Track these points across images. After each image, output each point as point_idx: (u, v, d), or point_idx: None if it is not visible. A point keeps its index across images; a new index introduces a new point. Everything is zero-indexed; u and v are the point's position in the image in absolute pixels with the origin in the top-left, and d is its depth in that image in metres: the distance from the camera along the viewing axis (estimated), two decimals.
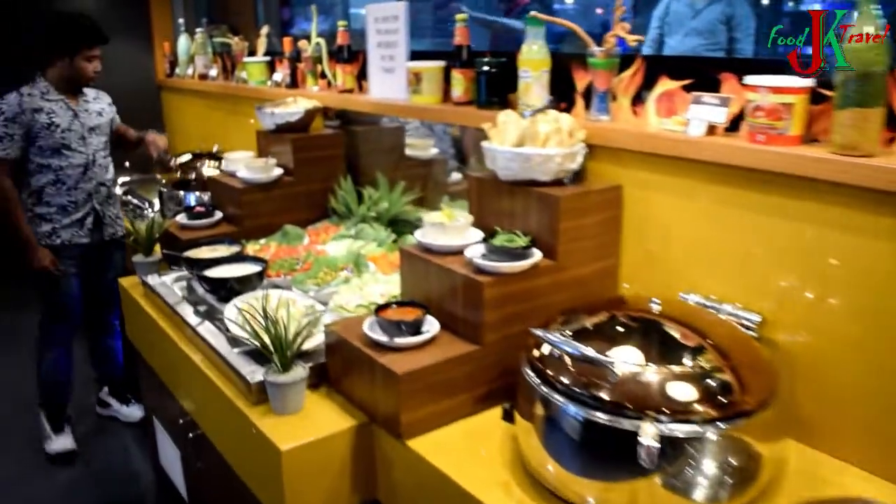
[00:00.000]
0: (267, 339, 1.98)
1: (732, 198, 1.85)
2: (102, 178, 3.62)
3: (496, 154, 2.13)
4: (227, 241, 2.96)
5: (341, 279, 2.59)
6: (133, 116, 4.08)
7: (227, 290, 2.54)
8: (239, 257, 2.75)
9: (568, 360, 1.54)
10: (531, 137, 2.10)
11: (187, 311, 2.58)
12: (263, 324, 2.02)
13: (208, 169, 3.75)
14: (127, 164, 4.88)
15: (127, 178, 4.74)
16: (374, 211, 3.26)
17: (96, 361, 4.02)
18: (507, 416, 1.69)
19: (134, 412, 3.97)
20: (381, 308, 2.05)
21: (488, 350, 1.98)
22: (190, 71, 5.10)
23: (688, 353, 1.54)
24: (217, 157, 3.88)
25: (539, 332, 1.62)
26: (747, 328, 1.78)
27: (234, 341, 2.25)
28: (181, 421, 2.62)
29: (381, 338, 1.94)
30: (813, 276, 1.71)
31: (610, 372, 1.46)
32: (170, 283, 2.88)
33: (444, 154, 3.78)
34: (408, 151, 3.64)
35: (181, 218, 3.21)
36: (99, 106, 3.68)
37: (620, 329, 1.67)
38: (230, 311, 2.39)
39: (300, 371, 1.98)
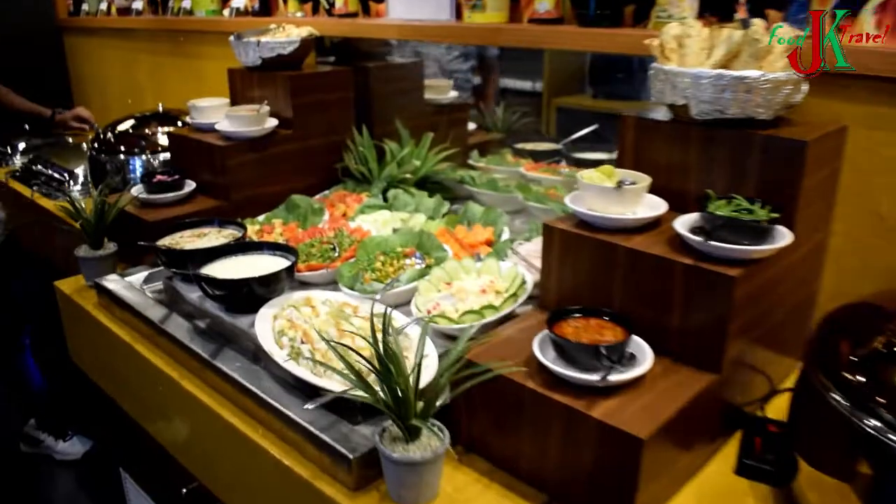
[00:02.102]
0: (381, 390, 1.18)
1: None
2: None
3: (693, 80, 1.39)
4: (215, 221, 2.08)
5: (413, 271, 1.79)
6: (24, 72, 3.01)
7: (244, 296, 1.69)
8: (249, 246, 1.89)
9: None
10: (750, 58, 1.38)
11: (181, 332, 1.71)
12: (362, 360, 1.21)
13: (163, 137, 2.78)
14: (27, 126, 3.78)
15: (26, 144, 3.65)
16: (405, 171, 2.45)
17: (7, 389, 3.04)
18: (749, 470, 1.08)
19: (74, 448, 3.02)
20: (553, 321, 1.29)
21: (728, 378, 1.27)
22: (104, 6, 3.99)
23: None
24: (170, 118, 2.90)
25: None
26: None
27: (306, 388, 1.43)
28: (171, 476, 1.77)
29: (577, 374, 1.19)
30: None
31: None
32: (138, 286, 1.98)
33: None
34: (426, 95, 2.84)
35: (137, 191, 2.28)
36: None
37: None
38: (264, 331, 1.56)
39: (436, 442, 1.20)
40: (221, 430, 1.49)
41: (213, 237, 2.02)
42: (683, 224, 1.35)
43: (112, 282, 1.97)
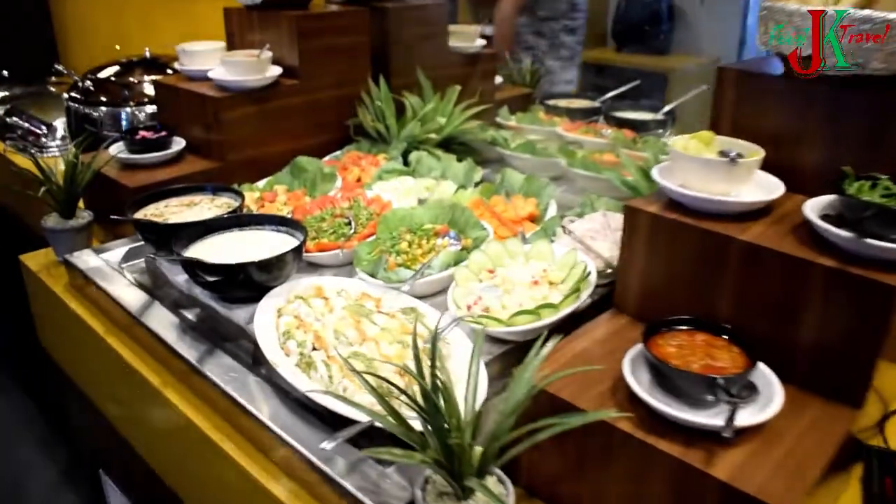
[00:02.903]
0: (426, 432, 0.88)
1: None
2: None
3: (827, 22, 1.05)
4: (208, 188, 1.76)
5: (448, 254, 1.47)
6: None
7: (240, 283, 1.38)
8: (247, 219, 1.57)
9: None
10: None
11: (165, 325, 1.41)
12: (392, 386, 0.90)
13: (149, 86, 2.42)
14: (5, 72, 3.42)
15: (6, 93, 3.29)
16: (428, 130, 2.12)
17: None
18: None
19: None
20: (649, 336, 0.98)
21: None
22: None
23: None
24: (158, 65, 2.54)
25: None
26: None
27: (321, 409, 1.13)
28: (154, 481, 1.49)
29: (692, 416, 0.88)
30: None
31: None
32: (116, 264, 1.67)
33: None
34: (450, 42, 2.48)
35: (117, 150, 1.94)
36: None
37: None
38: (266, 332, 1.25)
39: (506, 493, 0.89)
40: (212, 455, 1.19)
41: (204, 207, 1.70)
42: (815, 211, 1.03)
43: (85, 258, 1.66)
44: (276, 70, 1.99)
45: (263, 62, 1.96)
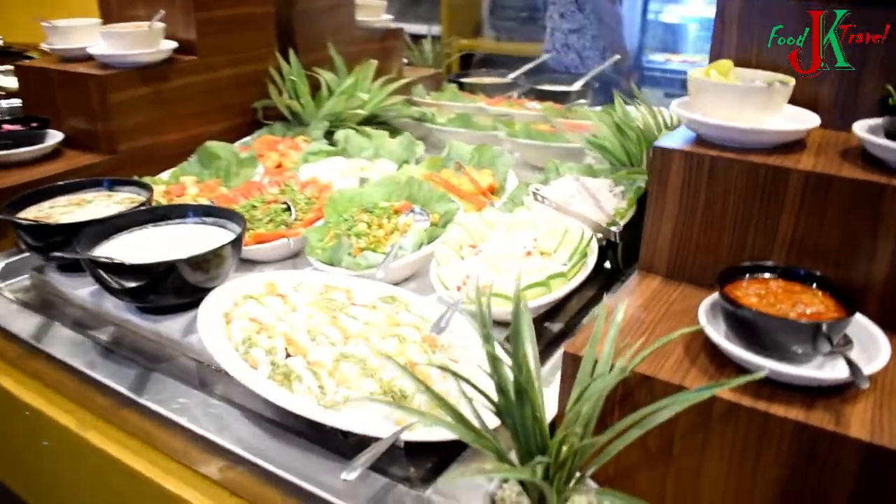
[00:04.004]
0: (524, 444, 0.66)
1: None
2: None
3: None
4: (104, 182, 1.44)
5: (418, 233, 1.26)
6: None
7: (169, 287, 1.10)
8: (162, 212, 1.28)
9: None
10: None
11: (71, 352, 1.10)
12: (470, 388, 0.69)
13: (8, 79, 2.00)
14: None
15: None
16: (352, 107, 1.89)
17: None
18: None
19: None
20: (723, 284, 0.82)
21: None
22: None
23: None
24: (10, 54, 2.12)
25: None
26: None
27: (303, 425, 0.88)
28: None
29: (811, 372, 0.73)
30: None
31: None
32: (3, 288, 1.32)
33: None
34: (357, 16, 2.26)
35: None
36: None
37: None
38: (216, 341, 0.99)
39: None
40: None
41: (101, 205, 1.38)
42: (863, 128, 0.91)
43: None
44: (171, 44, 1.69)
45: (155, 33, 1.65)
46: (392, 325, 1.03)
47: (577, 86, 2.52)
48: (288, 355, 0.97)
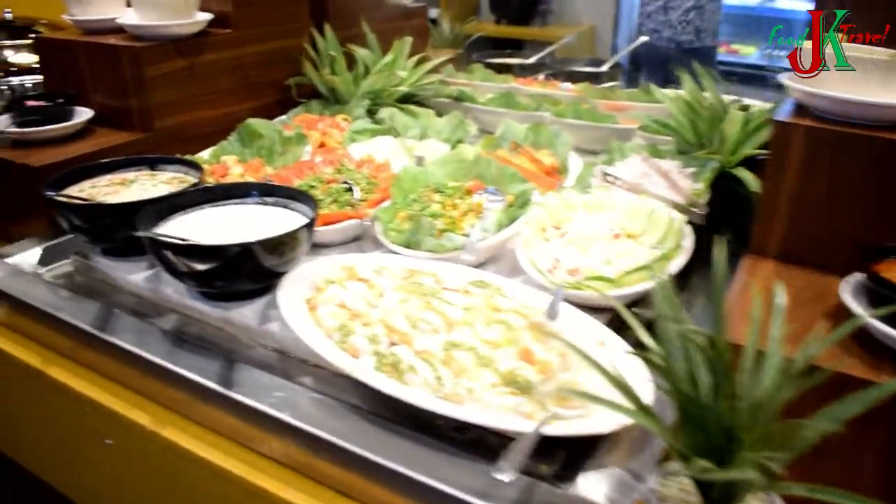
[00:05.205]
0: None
1: None
2: None
3: None
4: (146, 160, 1.34)
5: (497, 213, 1.18)
6: None
7: (244, 271, 1.01)
8: (223, 191, 1.19)
9: None
10: None
11: (147, 347, 1.01)
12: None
13: (20, 56, 1.86)
14: None
15: None
16: (392, 85, 1.80)
17: None
18: None
19: None
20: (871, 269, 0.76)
21: None
22: None
23: None
24: (18, 28, 1.99)
25: None
26: None
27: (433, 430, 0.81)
28: None
29: None
30: None
31: None
32: (32, 270, 1.22)
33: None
34: None
35: (3, 125, 1.45)
36: None
37: None
38: (307, 328, 0.91)
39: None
40: None
41: (146, 185, 1.29)
42: None
43: None
44: (206, 15, 1.59)
45: (191, 3, 1.55)
46: (493, 311, 0.96)
47: (605, 67, 2.47)
48: (392, 343, 0.89)
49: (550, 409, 0.81)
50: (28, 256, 1.25)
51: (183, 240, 1.00)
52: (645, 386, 0.75)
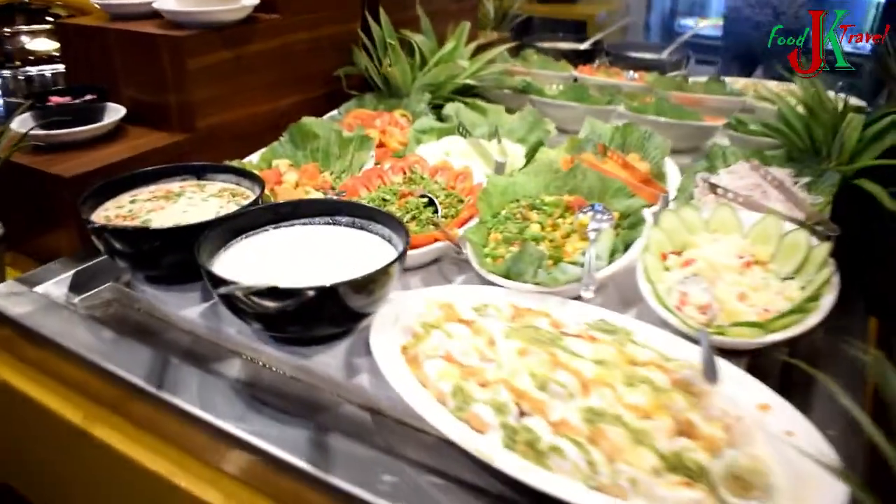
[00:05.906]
0: None
1: None
2: None
3: None
4: (192, 170, 1.17)
5: (608, 236, 1.01)
6: None
7: (325, 314, 0.85)
8: (286, 211, 1.02)
9: None
10: None
11: (213, 408, 0.85)
12: None
13: (37, 42, 1.68)
14: None
15: None
16: (453, 77, 1.63)
17: None
18: None
19: None
20: None
21: None
22: None
23: None
24: (33, 11, 1.80)
25: None
26: None
27: None
28: None
29: None
30: None
31: None
32: (64, 300, 1.05)
33: None
34: None
35: (22, 125, 1.27)
36: None
37: None
38: (415, 393, 0.74)
39: None
40: None
41: (195, 198, 1.12)
42: None
43: (12, 299, 1.03)
44: (252, 0, 1.41)
45: None
46: (630, 364, 0.80)
47: (665, 53, 2.29)
48: (522, 413, 0.73)
49: (728, 499, 0.66)
50: (57, 284, 1.08)
51: (270, 286, 0.82)
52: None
